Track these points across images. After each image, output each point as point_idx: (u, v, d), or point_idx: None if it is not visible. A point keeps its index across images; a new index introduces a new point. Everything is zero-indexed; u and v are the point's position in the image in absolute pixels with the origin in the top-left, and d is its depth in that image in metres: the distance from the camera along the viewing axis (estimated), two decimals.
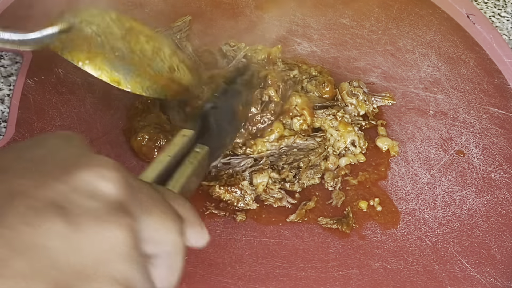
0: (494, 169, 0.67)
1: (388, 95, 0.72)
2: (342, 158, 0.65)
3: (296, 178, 0.63)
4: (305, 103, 0.65)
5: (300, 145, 0.64)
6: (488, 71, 0.77)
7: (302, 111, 0.65)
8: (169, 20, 0.76)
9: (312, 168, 0.63)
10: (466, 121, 0.71)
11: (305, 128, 0.65)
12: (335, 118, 0.66)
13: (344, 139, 0.65)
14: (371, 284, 0.56)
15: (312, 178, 0.63)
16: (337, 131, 0.66)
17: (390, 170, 0.66)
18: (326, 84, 0.69)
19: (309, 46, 0.77)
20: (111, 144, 0.64)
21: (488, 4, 0.89)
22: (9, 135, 0.62)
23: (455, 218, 0.62)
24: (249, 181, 0.61)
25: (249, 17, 0.79)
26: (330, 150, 0.65)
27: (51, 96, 0.67)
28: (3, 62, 0.71)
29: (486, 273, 0.58)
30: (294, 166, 0.63)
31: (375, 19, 0.82)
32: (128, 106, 0.66)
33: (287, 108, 0.65)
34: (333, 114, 0.67)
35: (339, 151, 0.66)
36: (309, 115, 0.65)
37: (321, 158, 0.64)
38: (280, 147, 0.64)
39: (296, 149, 0.64)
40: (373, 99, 0.71)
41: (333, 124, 0.66)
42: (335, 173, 0.64)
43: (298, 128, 0.65)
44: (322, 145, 0.65)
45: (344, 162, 0.65)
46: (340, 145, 0.66)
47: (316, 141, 0.65)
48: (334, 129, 0.66)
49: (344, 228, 0.60)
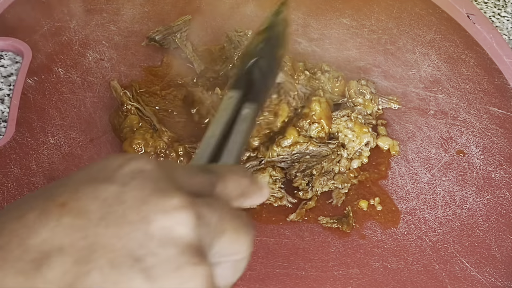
0: (494, 168, 0.67)
1: (395, 98, 0.71)
2: (354, 161, 0.65)
3: (310, 186, 0.62)
4: (324, 112, 0.64)
5: (313, 152, 0.63)
6: (488, 70, 0.77)
7: (320, 120, 0.64)
8: (169, 19, 0.76)
9: (325, 175, 0.63)
10: (467, 121, 0.71)
11: (322, 136, 0.64)
12: (350, 119, 0.66)
13: (360, 140, 0.65)
14: (371, 283, 0.56)
15: (326, 185, 0.63)
16: (353, 131, 0.65)
17: (391, 170, 0.65)
18: (340, 78, 0.69)
19: (309, 45, 0.76)
20: (111, 144, 0.64)
21: (488, 4, 0.89)
22: (9, 135, 0.62)
23: (455, 218, 0.62)
24: None
25: (249, 17, 0.79)
26: (344, 153, 0.64)
27: (51, 96, 0.67)
28: (3, 62, 0.71)
29: (486, 273, 0.58)
30: (307, 173, 0.62)
31: (375, 19, 0.82)
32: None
33: (306, 113, 0.64)
34: (347, 115, 0.66)
35: (353, 153, 0.65)
36: (327, 125, 0.64)
37: (333, 163, 0.63)
38: (293, 153, 0.63)
39: (308, 156, 0.63)
40: (379, 100, 0.70)
41: (348, 125, 0.65)
42: (345, 177, 0.64)
43: (315, 135, 0.64)
44: (335, 151, 0.64)
45: (356, 165, 0.65)
46: (355, 146, 0.65)
47: (329, 148, 0.64)
48: (349, 130, 0.65)
49: (344, 227, 0.60)
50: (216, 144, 0.38)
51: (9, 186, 0.59)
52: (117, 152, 0.63)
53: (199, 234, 0.27)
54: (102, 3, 0.77)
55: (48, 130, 0.64)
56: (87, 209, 0.26)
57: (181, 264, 0.26)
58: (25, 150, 0.62)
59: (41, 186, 0.59)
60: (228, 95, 0.42)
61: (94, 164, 0.29)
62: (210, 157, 0.37)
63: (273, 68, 0.51)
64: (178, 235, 0.26)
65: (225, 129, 0.39)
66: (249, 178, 0.32)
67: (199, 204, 0.28)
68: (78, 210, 0.26)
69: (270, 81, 0.48)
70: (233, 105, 0.41)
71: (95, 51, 0.72)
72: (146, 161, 0.29)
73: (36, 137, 0.63)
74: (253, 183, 0.32)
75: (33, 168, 0.60)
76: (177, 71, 0.71)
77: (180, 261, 0.26)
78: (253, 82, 0.45)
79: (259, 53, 0.48)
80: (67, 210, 0.26)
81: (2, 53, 0.72)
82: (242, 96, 0.42)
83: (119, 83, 0.67)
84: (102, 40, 0.73)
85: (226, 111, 0.41)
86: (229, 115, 0.41)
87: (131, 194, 0.27)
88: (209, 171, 0.31)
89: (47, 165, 0.61)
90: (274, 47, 0.50)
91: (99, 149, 0.63)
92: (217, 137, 0.38)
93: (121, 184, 0.27)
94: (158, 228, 0.26)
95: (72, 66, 0.70)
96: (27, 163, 0.61)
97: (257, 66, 0.46)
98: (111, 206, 0.26)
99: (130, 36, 0.74)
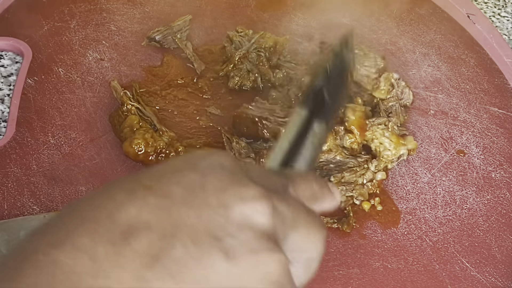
0: (494, 168, 0.67)
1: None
2: (379, 173, 0.63)
3: None
4: (358, 121, 0.63)
5: (339, 162, 0.62)
6: (488, 70, 0.77)
7: (351, 128, 0.63)
8: (170, 19, 0.76)
9: (344, 185, 0.62)
10: (467, 121, 0.71)
11: (355, 147, 0.63)
12: (387, 128, 0.64)
13: (396, 151, 0.63)
14: (372, 283, 0.56)
15: (344, 195, 0.61)
16: (390, 141, 0.63)
17: (391, 170, 0.65)
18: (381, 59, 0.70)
19: (309, 45, 0.76)
20: (111, 144, 0.64)
21: (488, 4, 0.89)
22: (9, 135, 0.62)
23: (455, 218, 0.62)
24: None
25: (250, 17, 0.79)
26: (372, 166, 0.62)
27: (51, 96, 0.67)
28: (3, 62, 0.71)
29: (487, 273, 0.58)
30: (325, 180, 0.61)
31: (376, 19, 0.82)
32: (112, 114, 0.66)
33: (341, 118, 0.64)
34: (384, 123, 0.64)
35: (383, 164, 0.63)
36: (360, 136, 0.63)
37: (357, 176, 0.62)
38: (319, 161, 0.62)
39: (332, 165, 0.63)
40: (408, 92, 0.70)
41: (384, 133, 0.63)
42: (365, 190, 0.62)
43: (348, 145, 0.63)
44: (362, 165, 0.62)
45: (380, 177, 0.63)
46: (390, 156, 0.63)
47: (357, 161, 0.63)
48: (387, 139, 0.63)
49: (344, 227, 0.60)
50: (288, 152, 0.41)
51: (9, 186, 0.59)
52: (117, 152, 0.63)
53: (274, 224, 0.29)
54: (102, 3, 0.77)
55: (48, 130, 0.64)
56: (171, 192, 0.28)
57: (259, 248, 0.27)
58: (25, 150, 0.62)
59: (41, 186, 0.59)
60: (297, 112, 0.45)
61: (176, 158, 0.32)
62: (283, 163, 0.40)
63: (342, 91, 0.54)
64: (255, 222, 0.28)
65: (296, 140, 0.43)
66: (321, 183, 0.34)
67: (275, 198, 0.29)
68: (163, 192, 0.28)
69: (339, 103, 0.51)
70: (302, 121, 0.45)
71: (95, 51, 0.72)
72: (226, 157, 0.31)
73: (36, 137, 0.63)
74: (325, 187, 0.34)
75: (33, 168, 0.60)
76: (177, 71, 0.71)
77: (257, 245, 0.28)
78: (323, 102, 0.48)
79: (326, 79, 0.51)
80: (153, 191, 0.28)
81: (2, 53, 0.72)
82: (312, 113, 0.46)
83: (119, 83, 0.67)
84: (102, 40, 0.73)
85: (296, 126, 0.44)
86: (299, 128, 0.44)
87: (211, 183, 0.29)
88: (283, 174, 0.34)
89: (47, 165, 0.61)
90: (343, 70, 0.53)
91: (99, 149, 0.63)
92: (288, 146, 0.41)
93: (201, 174, 0.29)
94: (237, 214, 0.28)
95: (72, 66, 0.70)
96: (27, 163, 0.61)
97: (327, 89, 0.49)
98: (193, 191, 0.28)
99: (130, 36, 0.74)
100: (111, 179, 0.61)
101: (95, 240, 0.26)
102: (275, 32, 0.76)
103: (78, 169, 0.61)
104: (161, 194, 0.28)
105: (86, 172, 0.61)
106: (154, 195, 0.28)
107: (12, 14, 0.74)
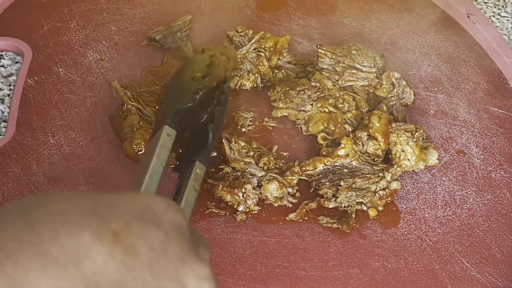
0: (494, 168, 0.67)
1: None
2: (394, 182, 0.62)
3: (335, 197, 0.61)
4: (382, 128, 0.62)
5: (354, 167, 0.62)
6: (488, 70, 0.77)
7: (376, 135, 0.62)
8: (170, 19, 0.76)
9: (355, 190, 0.61)
10: (467, 121, 0.71)
11: (379, 154, 0.63)
12: (412, 137, 0.63)
13: (415, 166, 0.63)
14: (372, 283, 0.56)
15: (354, 200, 0.61)
16: (413, 153, 0.62)
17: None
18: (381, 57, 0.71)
19: (309, 45, 0.77)
20: (111, 144, 0.64)
21: (488, 4, 0.89)
22: (9, 135, 0.62)
23: (455, 218, 0.62)
24: (254, 186, 0.60)
25: (250, 17, 0.79)
26: (388, 176, 0.61)
27: (51, 96, 0.67)
28: (3, 62, 0.71)
29: (487, 273, 0.58)
30: (335, 183, 0.61)
31: (376, 19, 0.82)
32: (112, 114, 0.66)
33: (365, 124, 0.63)
34: (411, 132, 0.64)
35: (399, 173, 0.63)
36: (384, 143, 0.62)
37: (370, 183, 0.61)
38: (334, 165, 0.62)
39: (346, 170, 0.62)
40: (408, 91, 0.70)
41: (409, 142, 0.63)
42: (376, 199, 0.61)
43: (373, 152, 0.63)
44: (378, 173, 0.62)
45: (395, 186, 0.62)
46: (408, 165, 0.63)
47: (373, 168, 0.62)
48: (410, 148, 0.62)
49: (344, 227, 0.60)
50: (160, 178, 0.44)
51: (10, 186, 0.59)
52: (117, 152, 0.63)
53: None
54: (102, 3, 0.77)
55: (48, 130, 0.64)
56: (137, 250, 0.31)
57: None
58: (25, 150, 0.62)
59: (41, 186, 0.59)
60: (165, 131, 0.48)
61: (136, 197, 0.35)
62: (157, 191, 0.43)
63: (220, 131, 0.57)
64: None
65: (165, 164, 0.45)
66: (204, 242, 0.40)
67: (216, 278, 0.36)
68: (129, 247, 0.31)
69: (215, 142, 0.52)
70: (171, 144, 0.47)
71: (95, 51, 0.72)
72: (181, 215, 0.35)
73: (36, 137, 0.63)
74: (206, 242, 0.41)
75: (34, 168, 0.61)
76: None
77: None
78: (206, 144, 0.50)
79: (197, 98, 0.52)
80: (120, 242, 0.30)
81: (2, 53, 0.72)
82: (192, 154, 0.49)
83: (119, 83, 0.67)
84: (102, 40, 0.73)
85: (166, 148, 0.47)
86: (169, 151, 0.46)
87: (172, 249, 0.33)
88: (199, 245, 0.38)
89: (47, 165, 0.61)
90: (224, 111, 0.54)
91: (99, 149, 0.63)
92: (160, 173, 0.44)
93: (164, 233, 0.33)
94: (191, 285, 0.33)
95: (72, 66, 0.70)
96: (28, 163, 0.61)
97: (211, 131, 0.51)
98: (157, 255, 0.32)
99: (130, 36, 0.74)
100: (111, 179, 0.61)
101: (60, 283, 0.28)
102: (275, 32, 0.77)
103: (78, 169, 0.61)
104: (128, 248, 0.31)
105: (86, 172, 0.61)
106: (121, 248, 0.30)
107: (12, 14, 0.75)
